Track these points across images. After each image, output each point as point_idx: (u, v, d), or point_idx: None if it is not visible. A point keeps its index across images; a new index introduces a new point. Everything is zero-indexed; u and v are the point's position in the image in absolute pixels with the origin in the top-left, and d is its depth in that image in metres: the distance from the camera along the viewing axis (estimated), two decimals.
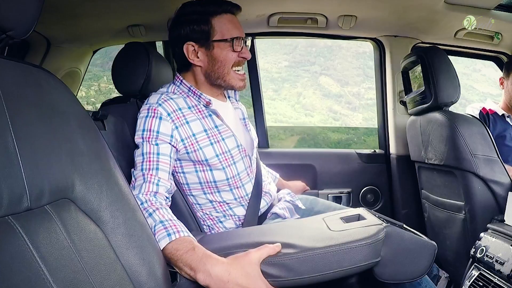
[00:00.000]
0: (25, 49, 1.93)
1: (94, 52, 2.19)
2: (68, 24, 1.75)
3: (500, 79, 1.82)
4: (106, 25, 1.82)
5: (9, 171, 0.54)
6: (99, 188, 0.68)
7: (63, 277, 0.56)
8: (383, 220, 0.93)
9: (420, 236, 0.92)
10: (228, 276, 0.79)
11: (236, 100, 1.32)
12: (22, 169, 0.56)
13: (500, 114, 1.77)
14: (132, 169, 1.04)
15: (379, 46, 2.03)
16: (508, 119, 1.77)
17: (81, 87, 2.29)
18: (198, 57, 1.12)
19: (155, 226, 0.89)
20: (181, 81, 1.16)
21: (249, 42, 1.18)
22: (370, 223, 0.90)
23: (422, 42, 1.96)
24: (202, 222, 1.17)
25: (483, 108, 1.81)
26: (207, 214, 1.16)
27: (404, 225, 0.95)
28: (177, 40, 1.13)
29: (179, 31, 1.12)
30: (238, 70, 1.15)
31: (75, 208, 0.64)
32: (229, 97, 1.30)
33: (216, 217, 1.15)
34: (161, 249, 0.85)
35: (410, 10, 1.65)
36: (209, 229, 1.17)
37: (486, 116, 1.78)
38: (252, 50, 2.02)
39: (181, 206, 1.12)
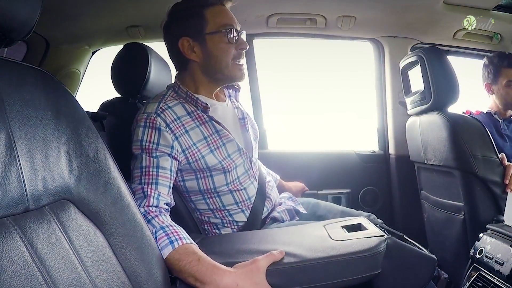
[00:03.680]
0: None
1: (93, 53, 2.19)
2: (67, 25, 1.75)
3: (486, 85, 1.77)
4: (105, 26, 1.82)
5: (8, 172, 0.54)
6: (98, 189, 0.68)
7: (62, 278, 0.56)
8: (384, 231, 0.92)
9: (421, 249, 0.91)
10: (236, 287, 0.79)
11: (237, 101, 1.29)
12: (21, 170, 0.56)
13: (486, 112, 1.78)
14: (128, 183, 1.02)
15: (378, 47, 2.03)
16: (495, 116, 1.77)
17: None
18: (194, 52, 1.10)
19: (155, 232, 0.87)
20: (179, 86, 1.13)
21: (243, 36, 1.14)
22: (371, 234, 0.89)
23: (421, 43, 1.96)
24: (201, 224, 1.16)
25: (467, 111, 1.80)
26: (205, 220, 1.14)
27: (405, 236, 0.95)
28: (172, 38, 1.11)
29: (173, 29, 1.11)
30: (238, 62, 1.11)
31: (74, 209, 0.64)
32: (229, 96, 1.27)
33: (214, 223, 1.14)
34: (164, 258, 0.83)
35: (409, 11, 1.65)
36: (206, 233, 1.16)
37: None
38: (251, 51, 2.01)
39: (180, 208, 1.11)
